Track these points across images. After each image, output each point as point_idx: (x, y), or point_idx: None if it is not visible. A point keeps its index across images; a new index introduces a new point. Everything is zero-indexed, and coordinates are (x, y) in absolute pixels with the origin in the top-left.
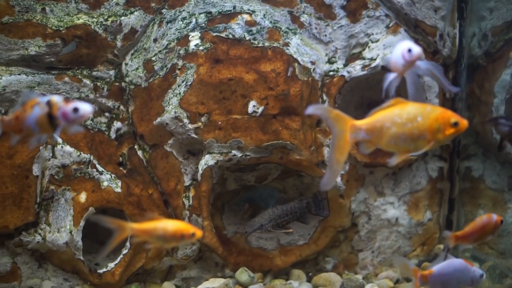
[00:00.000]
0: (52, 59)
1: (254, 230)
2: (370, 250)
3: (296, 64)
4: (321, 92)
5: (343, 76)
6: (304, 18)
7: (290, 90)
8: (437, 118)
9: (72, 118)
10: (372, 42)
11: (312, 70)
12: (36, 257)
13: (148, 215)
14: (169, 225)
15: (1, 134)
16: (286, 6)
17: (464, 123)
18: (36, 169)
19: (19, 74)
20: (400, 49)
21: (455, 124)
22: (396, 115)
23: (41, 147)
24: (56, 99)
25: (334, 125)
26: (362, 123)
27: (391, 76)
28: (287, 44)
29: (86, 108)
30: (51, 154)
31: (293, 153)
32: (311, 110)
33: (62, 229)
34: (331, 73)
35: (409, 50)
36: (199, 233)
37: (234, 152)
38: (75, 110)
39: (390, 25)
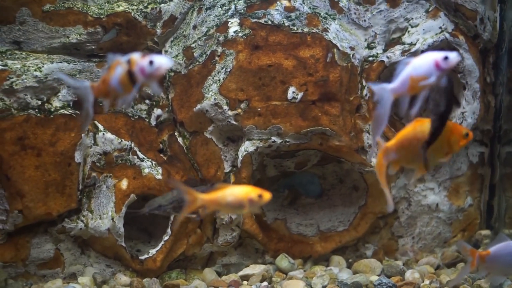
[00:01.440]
0: (93, 47)
1: (151, 210)
2: (411, 236)
3: (335, 49)
4: (360, 77)
5: (382, 61)
6: (343, 3)
7: (329, 76)
8: (452, 131)
9: (149, 72)
10: (412, 26)
11: (351, 55)
12: (78, 244)
13: (216, 185)
14: (236, 191)
15: (94, 100)
16: None
17: (471, 134)
18: (78, 156)
19: (61, 62)
20: (427, 61)
21: (466, 135)
22: (418, 132)
23: (82, 134)
24: (136, 55)
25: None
26: (392, 144)
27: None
28: (326, 30)
29: (161, 60)
30: (92, 141)
31: (333, 139)
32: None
33: (104, 216)
34: (370, 58)
35: (446, 58)
36: (266, 194)
37: (273, 138)
38: (150, 63)
39: (430, 9)
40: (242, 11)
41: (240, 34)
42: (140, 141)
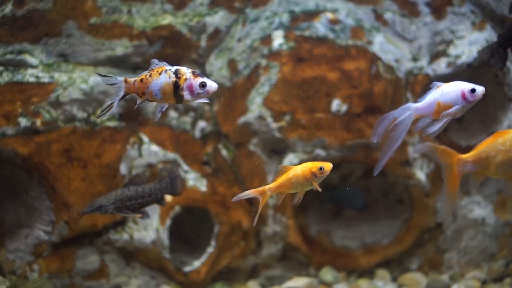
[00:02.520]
0: (138, 59)
1: (92, 211)
2: (456, 250)
3: (379, 62)
4: (405, 90)
5: (427, 74)
6: (388, 15)
7: (374, 89)
8: None
9: (197, 92)
10: (457, 39)
11: (396, 68)
12: (123, 255)
13: (279, 169)
14: (298, 170)
15: (123, 95)
16: (369, 4)
17: None
18: (123, 168)
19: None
20: (455, 89)
21: None
22: (499, 144)
23: (128, 147)
24: (185, 70)
25: (442, 160)
26: (468, 156)
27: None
28: (370, 42)
29: (212, 84)
30: (138, 153)
31: (377, 151)
32: (419, 149)
33: (149, 228)
34: (415, 71)
35: (473, 90)
36: (327, 165)
37: (317, 150)
38: (202, 85)
39: (476, 21)
40: (287, 24)
41: (284, 47)
42: (185, 153)
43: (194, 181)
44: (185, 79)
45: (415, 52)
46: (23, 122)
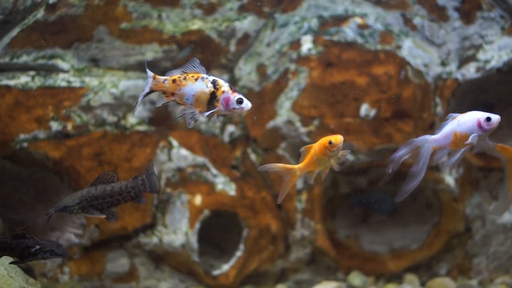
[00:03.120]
0: (168, 64)
1: (56, 211)
2: (485, 255)
3: (408, 67)
4: (434, 95)
5: (456, 78)
6: (416, 20)
7: (402, 93)
8: None
9: (232, 107)
10: (487, 43)
11: (424, 72)
12: (153, 259)
13: (303, 150)
14: (316, 147)
15: (148, 92)
16: (398, 9)
17: None
18: None
19: (136, 79)
20: (471, 119)
21: None
22: None
23: (157, 151)
24: (222, 82)
25: (503, 156)
26: None
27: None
28: (399, 47)
29: (248, 104)
30: (167, 158)
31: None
32: (478, 147)
33: (178, 231)
34: (444, 75)
35: (488, 119)
36: (335, 138)
37: (346, 155)
38: (239, 101)
39: (506, 26)
40: (315, 28)
41: (313, 52)
42: (214, 157)
43: (223, 185)
44: (223, 92)
45: (444, 57)
46: (55, 126)
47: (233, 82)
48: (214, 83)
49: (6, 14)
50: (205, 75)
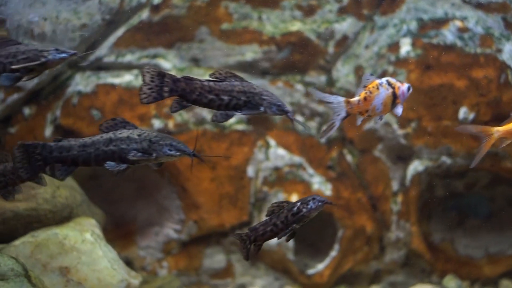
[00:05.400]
0: (267, 65)
1: None
2: None
3: (509, 70)
4: None
5: None
6: None
7: (502, 97)
8: None
9: (405, 97)
10: None
11: None
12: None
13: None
14: None
15: (346, 116)
16: (499, 12)
17: None
18: (250, 171)
19: None
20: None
21: None
22: None
23: (255, 150)
24: (391, 79)
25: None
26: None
27: None
28: (499, 51)
29: (411, 87)
30: (265, 157)
31: (505, 160)
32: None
33: None
34: None
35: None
36: None
37: (443, 158)
38: (409, 89)
39: None
40: (414, 31)
41: (412, 54)
42: (310, 157)
43: (319, 185)
44: (398, 87)
45: None
46: (157, 123)
47: (330, 84)
48: (388, 83)
49: (112, 14)
50: (378, 80)
